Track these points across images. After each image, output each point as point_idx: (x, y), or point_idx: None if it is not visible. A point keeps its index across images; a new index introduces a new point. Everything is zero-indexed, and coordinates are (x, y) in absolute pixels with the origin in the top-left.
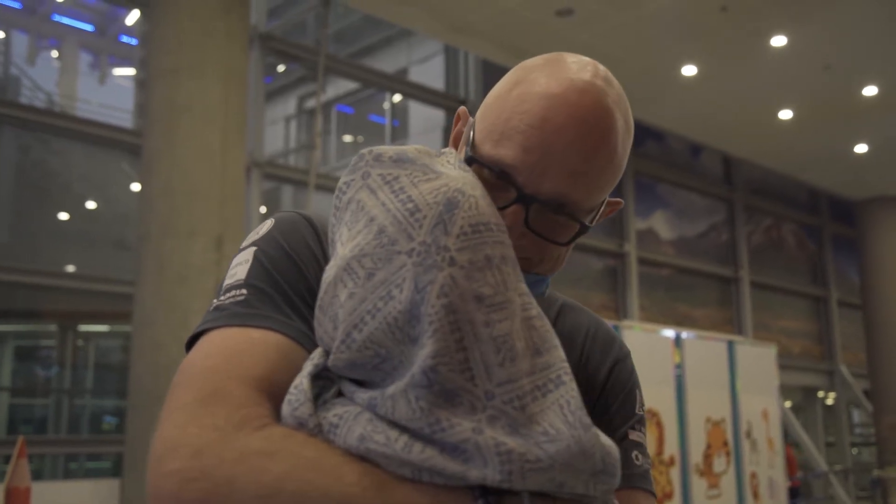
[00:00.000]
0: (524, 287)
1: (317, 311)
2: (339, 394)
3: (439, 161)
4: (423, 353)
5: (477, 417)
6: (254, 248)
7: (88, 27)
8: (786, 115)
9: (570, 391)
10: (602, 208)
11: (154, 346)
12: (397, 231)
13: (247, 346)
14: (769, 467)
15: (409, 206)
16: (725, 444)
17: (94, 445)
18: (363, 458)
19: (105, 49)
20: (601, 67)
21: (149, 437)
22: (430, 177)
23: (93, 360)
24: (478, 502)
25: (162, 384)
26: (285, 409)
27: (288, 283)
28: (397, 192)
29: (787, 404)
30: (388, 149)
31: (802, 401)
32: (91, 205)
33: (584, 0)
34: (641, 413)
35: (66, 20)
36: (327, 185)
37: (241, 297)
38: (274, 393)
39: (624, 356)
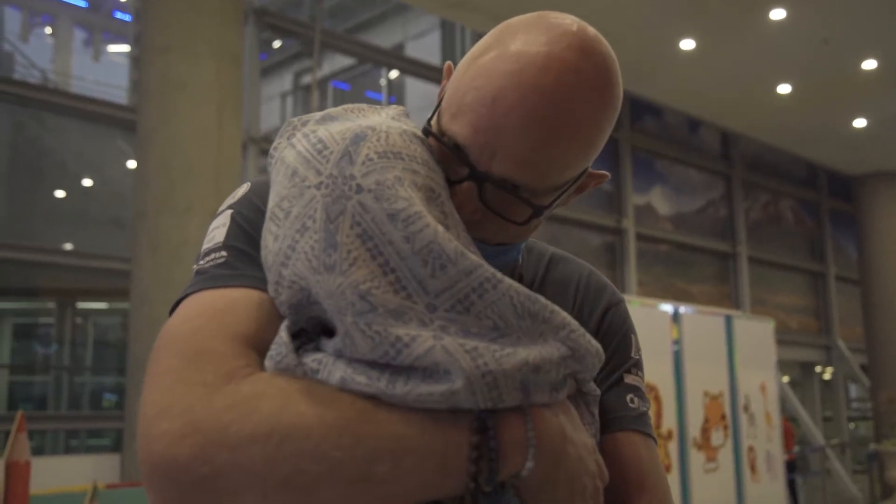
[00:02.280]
0: (440, 215)
1: (265, 272)
2: (318, 349)
3: (373, 112)
4: (349, 282)
5: (430, 328)
6: (230, 211)
7: (82, 3)
8: (784, 89)
9: (512, 283)
10: (574, 184)
11: (151, 322)
12: (307, 169)
13: (228, 304)
14: (767, 441)
15: (318, 146)
16: (723, 418)
17: (94, 421)
18: None
19: (99, 25)
20: (584, 33)
21: None
22: (347, 123)
23: (92, 338)
24: (473, 415)
25: None
26: (268, 363)
27: None
28: (310, 139)
29: (785, 379)
30: (316, 113)
31: (800, 375)
32: (87, 182)
33: None
34: (638, 357)
35: None
36: None
37: (221, 259)
38: (260, 349)
39: (617, 302)
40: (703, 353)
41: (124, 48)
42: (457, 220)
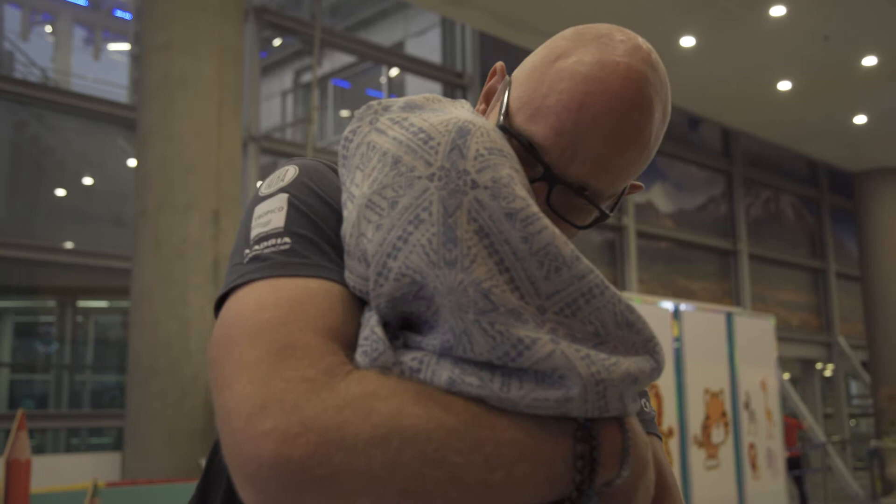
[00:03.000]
0: (545, 206)
1: (346, 259)
2: (405, 346)
3: (451, 105)
4: (471, 279)
5: (545, 330)
6: (286, 195)
7: (82, 2)
8: (784, 86)
9: (615, 292)
10: (623, 191)
11: (152, 321)
12: (413, 159)
13: (307, 296)
14: (767, 438)
15: (422, 136)
16: (724, 415)
17: (95, 420)
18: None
19: (99, 24)
20: (647, 49)
21: (148, 411)
22: (441, 114)
23: (92, 336)
24: (578, 424)
25: (160, 359)
26: (362, 360)
27: (331, 229)
28: (407, 127)
29: (786, 376)
30: (396, 99)
31: (801, 372)
32: (88, 181)
33: None
34: None
35: None
36: (324, 160)
37: (286, 246)
38: (346, 345)
39: None
40: (704, 351)
41: (124, 46)
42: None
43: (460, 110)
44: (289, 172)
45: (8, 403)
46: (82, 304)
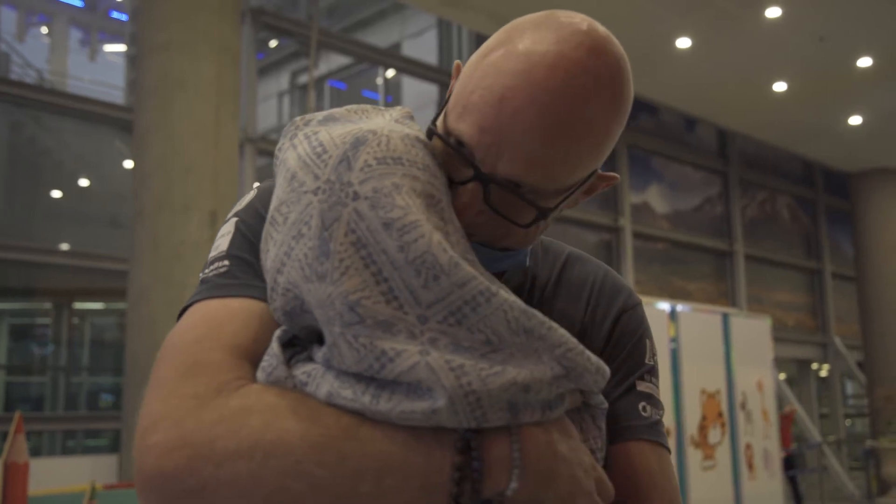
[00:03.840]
0: (440, 222)
1: (265, 276)
2: (310, 358)
3: (378, 114)
4: (339, 292)
5: (418, 341)
6: (235, 220)
7: (78, 3)
8: (780, 87)
9: (508, 297)
10: (582, 186)
11: (150, 322)
12: (305, 173)
13: (226, 315)
14: (764, 438)
15: (318, 149)
16: (720, 415)
17: (91, 422)
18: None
19: (95, 25)
20: (593, 31)
21: None
22: (349, 126)
23: (88, 338)
24: (458, 435)
25: None
26: (260, 375)
27: None
28: (311, 142)
29: (782, 376)
30: (319, 113)
31: (797, 373)
32: (84, 182)
33: None
34: (652, 363)
35: None
36: None
37: (224, 269)
38: (256, 361)
39: (633, 305)
40: (701, 351)
41: (121, 48)
42: (457, 227)
43: (379, 119)
44: (247, 197)
45: (4, 406)
46: (78, 305)
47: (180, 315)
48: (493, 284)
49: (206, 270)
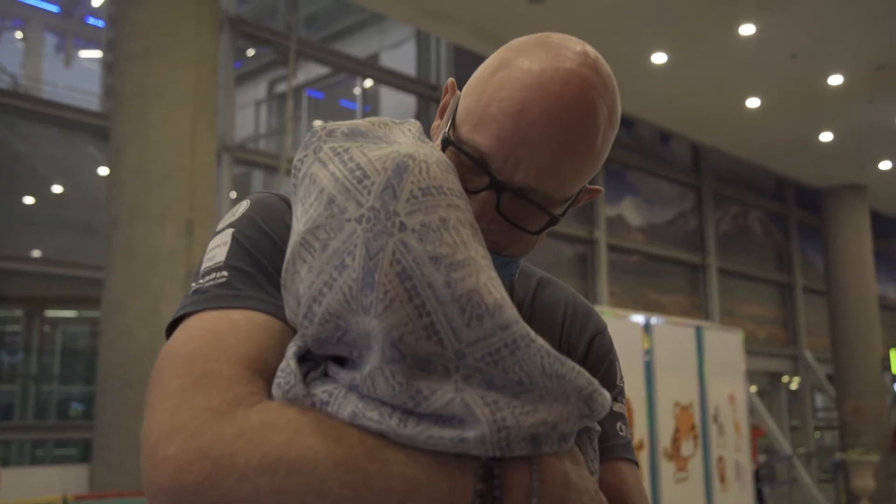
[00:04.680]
0: (485, 251)
1: (282, 292)
2: (326, 374)
3: (398, 129)
4: (385, 325)
5: (453, 379)
6: (232, 230)
7: (54, 8)
8: (753, 103)
9: (544, 345)
10: (578, 196)
11: (124, 331)
12: (346, 199)
13: (228, 327)
14: (736, 451)
15: (357, 173)
16: (693, 427)
17: (61, 432)
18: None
19: (71, 31)
20: (591, 52)
21: (118, 422)
22: (380, 146)
23: (59, 346)
24: (481, 462)
25: (132, 370)
26: (276, 392)
27: (269, 261)
28: (346, 161)
29: (753, 389)
30: (340, 124)
31: (768, 385)
32: (57, 189)
33: None
34: (622, 385)
35: (30, 1)
36: None
37: (223, 279)
38: (263, 371)
39: (602, 329)
40: (674, 364)
41: (96, 54)
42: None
43: (405, 136)
44: (240, 207)
45: None
46: (50, 313)
47: (171, 325)
48: (532, 330)
49: (202, 280)
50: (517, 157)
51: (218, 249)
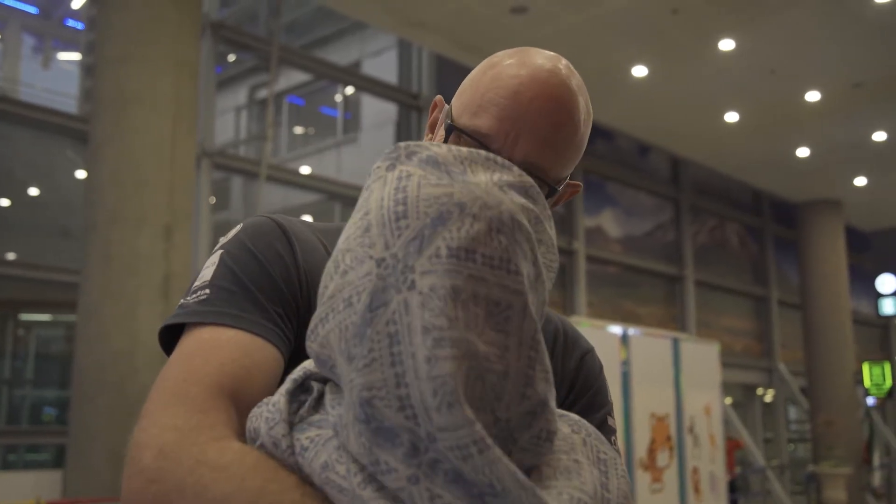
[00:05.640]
0: (499, 337)
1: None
2: (319, 401)
3: (482, 169)
4: (360, 383)
5: (417, 461)
6: (221, 251)
7: (32, 10)
8: (732, 117)
9: (509, 462)
10: (563, 188)
11: (100, 335)
12: (379, 233)
13: (197, 347)
14: (710, 462)
15: (399, 209)
16: (669, 438)
17: (34, 437)
18: (320, 488)
19: (49, 33)
20: (564, 60)
21: (93, 428)
22: (443, 183)
23: (33, 350)
24: None
25: (107, 374)
26: (262, 426)
27: (253, 281)
28: (399, 191)
29: (728, 401)
30: (427, 146)
31: (742, 397)
32: (34, 191)
33: None
34: (611, 401)
35: (8, 2)
36: (278, 177)
37: (205, 297)
38: (224, 386)
39: (590, 349)
40: (651, 375)
41: (75, 56)
42: (525, 339)
43: (483, 176)
44: (234, 230)
45: None
46: (24, 317)
47: (160, 336)
48: (492, 441)
49: (188, 298)
50: (517, 132)
51: (207, 270)
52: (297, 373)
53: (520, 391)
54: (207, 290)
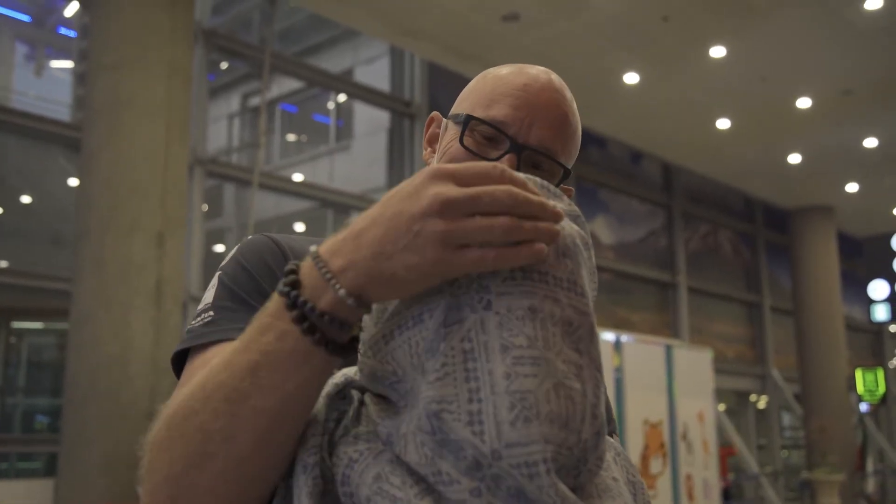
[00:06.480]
0: (577, 356)
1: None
2: (359, 413)
3: (555, 198)
4: (429, 396)
5: (480, 475)
6: (219, 273)
7: (25, 17)
8: (723, 124)
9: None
10: (563, 180)
11: (92, 343)
12: None
13: (202, 367)
14: (704, 469)
15: None
16: (662, 445)
17: (25, 445)
18: (370, 499)
19: (42, 40)
20: (555, 74)
21: (85, 436)
22: None
23: (25, 358)
24: None
25: (99, 381)
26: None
27: (246, 292)
28: None
29: (721, 407)
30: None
31: (735, 404)
32: (26, 199)
33: (530, 6)
34: (614, 418)
35: (1, 10)
36: (270, 184)
37: (209, 318)
38: None
39: None
40: (644, 382)
41: (68, 64)
42: (594, 358)
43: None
44: (230, 253)
45: None
46: (16, 324)
47: (172, 364)
48: (598, 461)
49: (194, 322)
50: (531, 118)
51: (208, 292)
52: (339, 378)
53: (591, 411)
54: (211, 312)
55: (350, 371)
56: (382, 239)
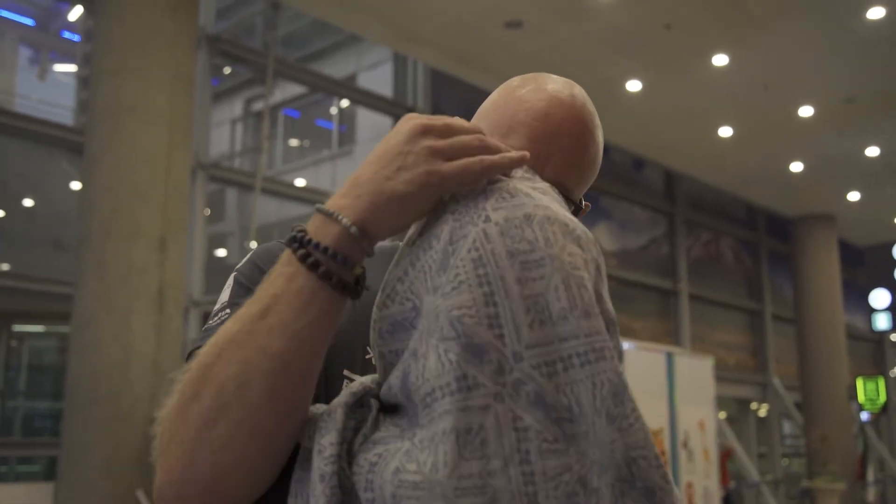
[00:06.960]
0: (575, 249)
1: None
2: (377, 421)
3: (558, 206)
4: (448, 304)
5: (503, 380)
6: (234, 274)
7: (29, 21)
8: (726, 132)
9: (609, 370)
10: (579, 206)
11: (94, 346)
12: (454, 205)
13: None
14: (704, 477)
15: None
16: (663, 453)
17: (25, 448)
18: (394, 496)
19: (46, 44)
20: (577, 85)
21: (86, 439)
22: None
23: (26, 361)
24: None
25: (100, 385)
26: (316, 434)
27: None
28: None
29: (722, 415)
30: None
31: (736, 412)
32: (28, 202)
33: (533, 13)
34: None
35: (5, 13)
36: (273, 189)
37: (226, 316)
38: None
39: None
40: (645, 389)
41: (71, 68)
42: (598, 254)
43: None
44: (247, 256)
45: None
46: (17, 328)
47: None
48: (602, 350)
49: (211, 321)
50: (547, 152)
51: (224, 292)
52: (356, 387)
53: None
54: (228, 311)
55: (367, 380)
56: (378, 170)
